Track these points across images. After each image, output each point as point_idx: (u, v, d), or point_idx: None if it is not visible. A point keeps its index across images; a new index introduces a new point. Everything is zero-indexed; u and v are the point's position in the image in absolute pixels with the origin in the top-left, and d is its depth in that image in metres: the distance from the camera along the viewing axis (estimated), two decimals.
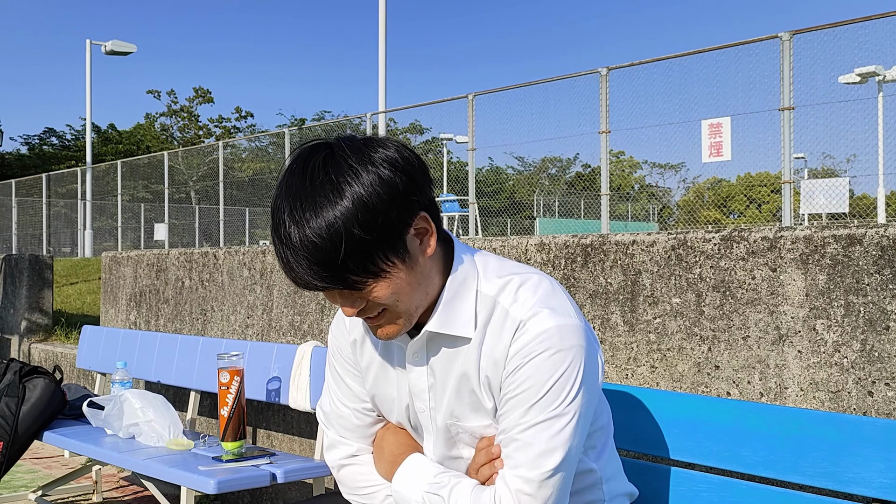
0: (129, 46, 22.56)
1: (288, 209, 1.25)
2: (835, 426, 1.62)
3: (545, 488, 1.31)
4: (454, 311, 1.38)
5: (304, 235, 1.23)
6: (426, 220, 1.32)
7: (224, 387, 2.79)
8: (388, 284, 1.29)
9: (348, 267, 1.25)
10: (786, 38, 9.21)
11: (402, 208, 1.27)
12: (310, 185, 1.25)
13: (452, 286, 1.38)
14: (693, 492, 1.77)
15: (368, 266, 1.26)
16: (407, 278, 1.31)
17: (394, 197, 1.26)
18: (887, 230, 1.92)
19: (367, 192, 1.24)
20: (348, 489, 1.58)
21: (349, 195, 1.23)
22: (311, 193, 1.24)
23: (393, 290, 1.30)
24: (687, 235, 2.27)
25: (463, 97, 12.86)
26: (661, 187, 35.09)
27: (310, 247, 1.23)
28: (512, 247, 2.70)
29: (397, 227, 1.27)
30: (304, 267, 1.25)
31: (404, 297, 1.32)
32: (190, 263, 4.26)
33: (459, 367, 1.40)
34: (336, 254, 1.23)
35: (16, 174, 33.17)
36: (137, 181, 25.02)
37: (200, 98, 46.53)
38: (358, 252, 1.24)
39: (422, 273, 1.34)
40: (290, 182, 1.27)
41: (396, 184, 1.26)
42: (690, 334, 2.25)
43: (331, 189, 1.24)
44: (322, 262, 1.24)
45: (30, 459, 4.82)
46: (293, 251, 1.24)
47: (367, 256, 1.25)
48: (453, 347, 1.40)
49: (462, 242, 1.46)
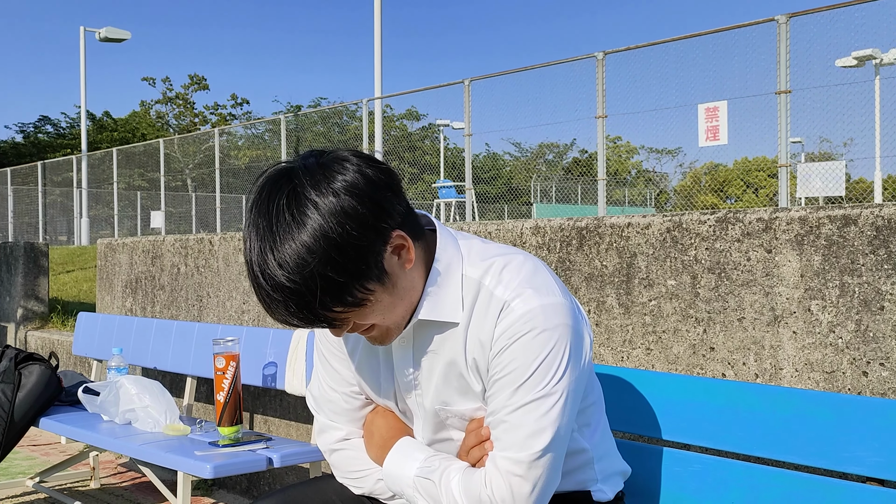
0: (123, 33, 22.44)
1: (258, 253, 1.22)
2: (829, 406, 1.62)
3: (535, 469, 1.31)
4: (441, 298, 1.37)
5: (277, 283, 1.21)
6: (402, 236, 1.29)
7: (220, 372, 2.79)
8: (370, 310, 1.29)
9: (327, 306, 1.23)
10: (782, 21, 9.18)
11: (372, 237, 1.24)
12: (277, 228, 1.21)
13: (437, 274, 1.37)
14: (688, 472, 1.78)
15: (347, 299, 1.25)
16: (389, 299, 1.30)
17: (362, 228, 1.22)
18: (882, 210, 1.91)
19: (334, 231, 1.20)
20: (341, 473, 1.58)
21: (317, 237, 1.20)
22: (279, 238, 1.21)
23: (375, 310, 1.30)
24: (682, 217, 2.26)
25: (459, 82, 12.81)
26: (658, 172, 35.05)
27: (286, 292, 1.21)
28: (507, 230, 2.69)
29: (371, 256, 1.25)
30: (282, 310, 1.24)
31: (389, 314, 1.32)
32: (185, 250, 4.25)
33: (446, 353, 1.40)
34: (313, 297, 1.22)
35: (11, 162, 33.07)
36: (133, 169, 24.95)
37: (196, 85, 46.33)
38: (335, 290, 1.23)
39: (404, 288, 1.32)
40: (258, 223, 1.23)
41: (363, 214, 1.22)
42: (686, 316, 2.25)
43: (298, 231, 1.20)
44: (299, 305, 1.23)
45: (27, 446, 4.82)
46: (269, 297, 1.23)
47: (345, 291, 1.24)
48: (441, 333, 1.40)
49: (446, 227, 1.44)
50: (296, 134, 19.18)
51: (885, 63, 15.71)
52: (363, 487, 1.55)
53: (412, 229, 1.32)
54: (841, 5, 9.06)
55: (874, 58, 15.33)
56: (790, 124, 9.28)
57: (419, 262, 1.36)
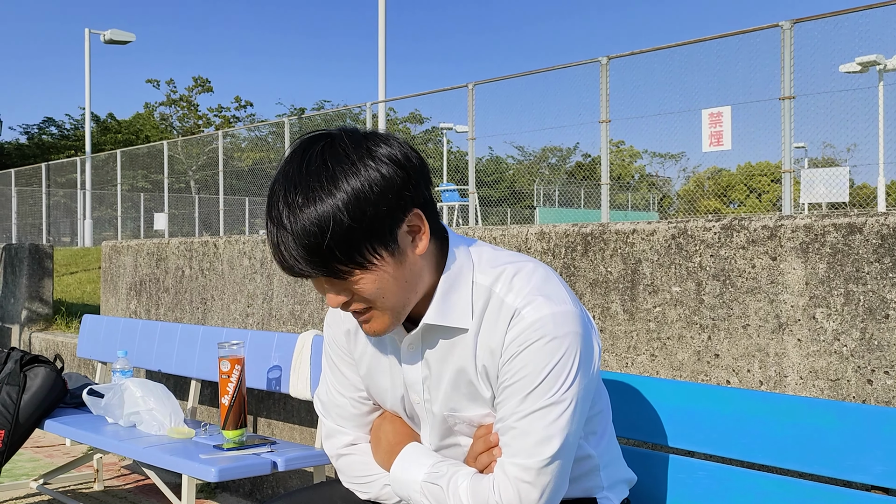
0: (128, 35, 22.49)
1: (283, 192, 1.26)
2: (834, 414, 1.62)
3: (544, 475, 1.32)
4: (450, 303, 1.38)
5: (294, 219, 1.24)
6: (420, 217, 1.31)
7: (225, 375, 2.79)
8: (374, 278, 1.29)
9: (334, 255, 1.25)
10: (786, 27, 9.18)
11: (395, 203, 1.27)
12: (306, 171, 1.26)
13: (448, 279, 1.38)
14: (692, 479, 1.78)
15: (355, 256, 1.26)
16: (394, 274, 1.30)
17: (388, 191, 1.26)
18: (887, 219, 1.92)
19: (361, 183, 1.24)
20: (347, 478, 1.59)
21: (343, 184, 1.24)
22: (307, 180, 1.25)
23: (379, 284, 1.30)
24: (687, 224, 2.27)
25: (463, 86, 12.83)
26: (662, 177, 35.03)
27: (299, 231, 1.24)
28: (512, 236, 2.70)
29: (388, 221, 1.27)
30: (292, 250, 1.25)
31: (390, 294, 1.32)
32: (190, 252, 4.26)
33: (456, 360, 1.40)
34: (322, 239, 1.23)
35: (15, 164, 33.13)
36: (137, 171, 24.99)
37: (200, 87, 46.40)
38: (345, 241, 1.24)
39: (411, 271, 1.33)
40: (288, 169, 1.28)
41: (393, 179, 1.27)
42: (690, 323, 2.25)
43: (326, 176, 1.24)
44: (309, 246, 1.24)
45: (31, 448, 4.83)
46: (283, 234, 1.25)
47: (354, 246, 1.25)
48: (449, 339, 1.40)
49: (458, 234, 1.45)
50: (299, 136, 19.17)
51: (888, 69, 15.72)
52: (370, 493, 1.55)
53: (430, 219, 1.34)
54: (845, 11, 9.06)
55: (878, 63, 15.33)
56: (794, 129, 9.28)
57: (430, 259, 1.37)
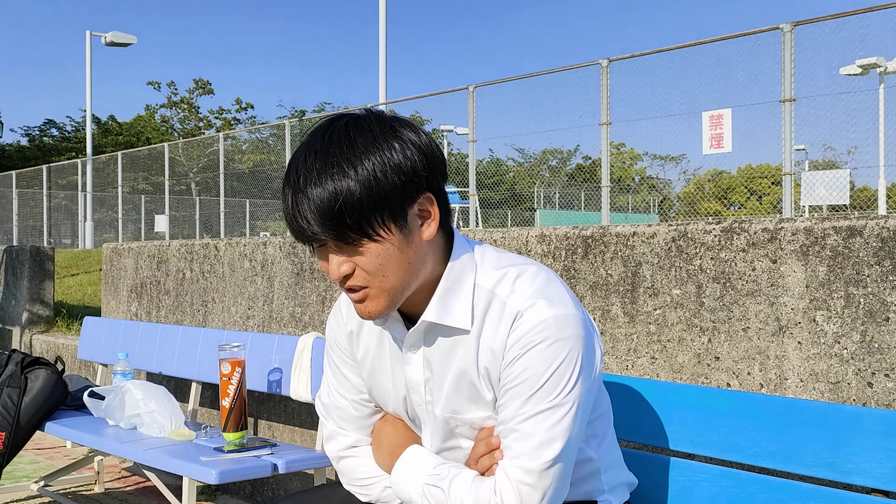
0: (129, 38, 22.51)
1: (303, 158, 1.30)
2: (834, 417, 1.62)
3: (545, 478, 1.32)
4: (451, 303, 1.38)
5: (311, 181, 1.27)
6: (431, 202, 1.34)
7: (225, 378, 2.80)
8: (380, 251, 1.30)
9: (345, 220, 1.27)
10: (787, 30, 9.19)
11: (410, 182, 1.30)
12: (328, 140, 1.30)
13: (449, 277, 1.39)
14: (693, 482, 1.78)
15: (363, 224, 1.28)
16: (399, 251, 1.31)
17: (405, 168, 1.30)
18: (887, 222, 1.92)
19: (381, 156, 1.28)
20: (348, 480, 1.59)
21: (363, 154, 1.27)
22: (328, 146, 1.29)
23: (383, 259, 1.30)
24: (687, 227, 2.27)
25: (464, 88, 12.84)
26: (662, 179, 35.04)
27: (315, 193, 1.26)
28: (513, 238, 2.70)
29: (401, 197, 1.30)
30: (307, 212, 1.27)
31: (391, 271, 1.32)
32: (191, 255, 4.27)
33: (458, 361, 1.40)
34: (335, 202, 1.25)
35: (16, 165, 33.15)
36: (138, 173, 25.00)
37: (201, 89, 46.42)
38: (358, 207, 1.26)
39: (416, 254, 1.34)
40: (312, 139, 1.33)
41: (412, 160, 1.31)
42: (690, 325, 2.25)
43: (347, 145, 1.29)
44: (323, 209, 1.26)
45: (32, 450, 4.83)
46: (299, 197, 1.28)
47: (365, 215, 1.27)
48: (450, 340, 1.40)
49: (463, 235, 1.46)
50: (300, 139, 19.08)
51: (889, 71, 15.72)
52: (370, 495, 1.55)
53: (441, 209, 1.36)
54: (845, 14, 9.07)
55: (878, 66, 15.34)
56: (794, 132, 9.29)
57: (435, 250, 1.38)
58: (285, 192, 1.31)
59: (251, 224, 23.22)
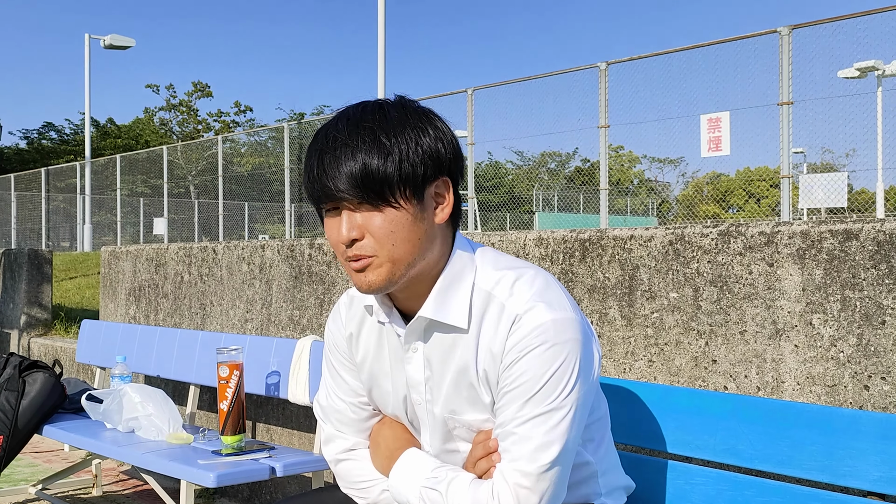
0: (127, 41, 22.50)
1: (335, 122, 1.36)
2: (831, 420, 1.62)
3: (543, 481, 1.32)
4: (448, 300, 1.39)
5: (340, 141, 1.32)
6: (448, 187, 1.38)
7: (223, 381, 2.80)
8: (393, 217, 1.32)
9: (370, 181, 1.30)
10: (785, 33, 9.21)
11: (435, 161, 1.35)
12: (362, 110, 1.36)
13: (448, 275, 1.40)
14: (690, 485, 1.79)
15: (386, 190, 1.31)
16: (412, 223, 1.34)
17: (432, 147, 1.35)
18: (884, 225, 1.92)
19: (412, 129, 1.33)
20: (346, 483, 1.59)
21: (395, 125, 1.33)
22: (362, 115, 1.34)
23: (395, 225, 1.33)
24: (684, 230, 2.28)
25: (462, 91, 12.86)
26: (661, 182, 35.02)
27: (344, 151, 1.31)
28: (511, 241, 2.71)
29: (424, 172, 1.33)
30: (332, 168, 1.31)
31: (400, 242, 1.33)
32: (189, 258, 4.27)
33: (457, 361, 1.41)
34: (364, 163, 1.30)
35: (15, 168, 33.14)
36: (136, 175, 25.00)
37: (199, 92, 46.41)
38: (384, 171, 1.30)
39: (425, 232, 1.36)
40: (344, 111, 1.38)
41: (438, 142, 1.36)
42: (688, 329, 2.26)
43: (381, 115, 1.34)
44: (350, 168, 1.30)
45: (30, 453, 4.83)
46: (325, 154, 1.32)
47: (389, 181, 1.30)
48: (450, 339, 1.41)
49: (464, 237, 1.47)
50: (299, 141, 19.21)
51: (887, 74, 15.74)
52: (368, 498, 1.55)
53: (455, 197, 1.40)
54: (843, 17, 9.09)
55: (876, 69, 15.35)
56: (792, 135, 9.31)
57: (442, 239, 1.40)
58: (311, 154, 1.35)
59: (250, 227, 23.22)
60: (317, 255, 3.52)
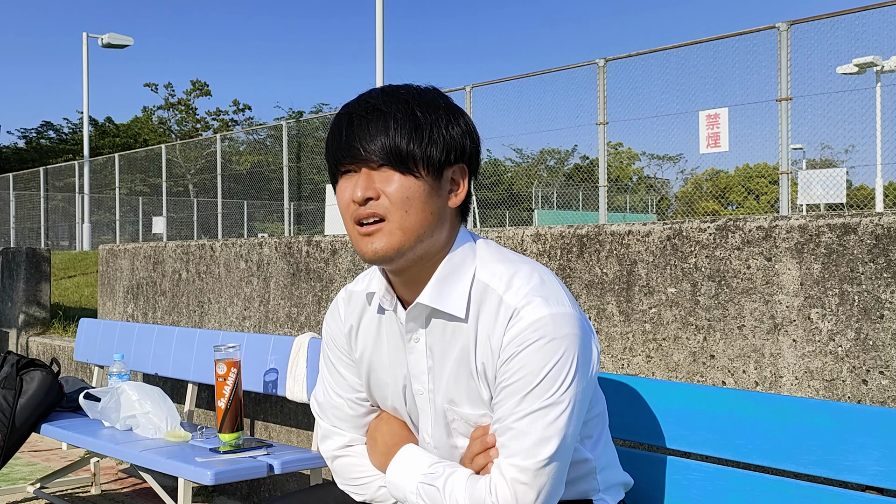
0: (125, 39, 22.47)
1: (367, 92, 1.41)
2: (829, 414, 1.62)
3: (541, 477, 1.32)
4: (446, 289, 1.39)
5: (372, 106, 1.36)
6: (464, 174, 1.41)
7: (221, 378, 2.79)
8: (411, 184, 1.34)
9: (398, 146, 1.33)
10: (783, 29, 9.20)
11: (454, 146, 1.39)
12: (396, 86, 1.40)
13: (449, 263, 1.40)
14: (688, 480, 1.78)
15: (409, 159, 1.34)
16: (427, 195, 1.36)
17: (457, 132, 1.39)
18: (882, 219, 1.92)
19: (439, 110, 1.38)
20: (343, 480, 1.58)
21: (429, 101, 1.38)
22: (396, 89, 1.39)
23: (412, 193, 1.35)
24: (682, 225, 2.27)
25: (461, 89, 12.84)
26: (660, 178, 35.02)
27: (376, 115, 1.34)
28: (508, 237, 2.70)
29: (444, 152, 1.37)
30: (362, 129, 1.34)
31: (414, 211, 1.35)
32: (187, 256, 4.26)
33: (457, 350, 1.41)
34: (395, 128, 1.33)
35: (13, 168, 33.10)
36: (135, 174, 24.97)
37: (198, 91, 46.35)
38: (410, 141, 1.33)
39: (439, 210, 1.38)
40: (376, 88, 1.43)
41: (461, 129, 1.40)
42: (686, 324, 2.25)
43: (416, 92, 1.39)
44: (380, 130, 1.34)
45: (28, 452, 4.82)
46: (356, 117, 1.36)
47: (414, 150, 1.34)
48: (450, 328, 1.41)
49: (467, 230, 1.48)
50: (297, 140, 19.20)
51: (886, 70, 15.72)
52: (365, 494, 1.55)
53: (469, 186, 1.43)
54: (842, 13, 9.08)
55: (875, 65, 15.33)
56: (791, 131, 9.30)
57: (450, 224, 1.42)
58: (339, 118, 1.38)
59: (249, 225, 23.20)
60: (314, 252, 3.51)
